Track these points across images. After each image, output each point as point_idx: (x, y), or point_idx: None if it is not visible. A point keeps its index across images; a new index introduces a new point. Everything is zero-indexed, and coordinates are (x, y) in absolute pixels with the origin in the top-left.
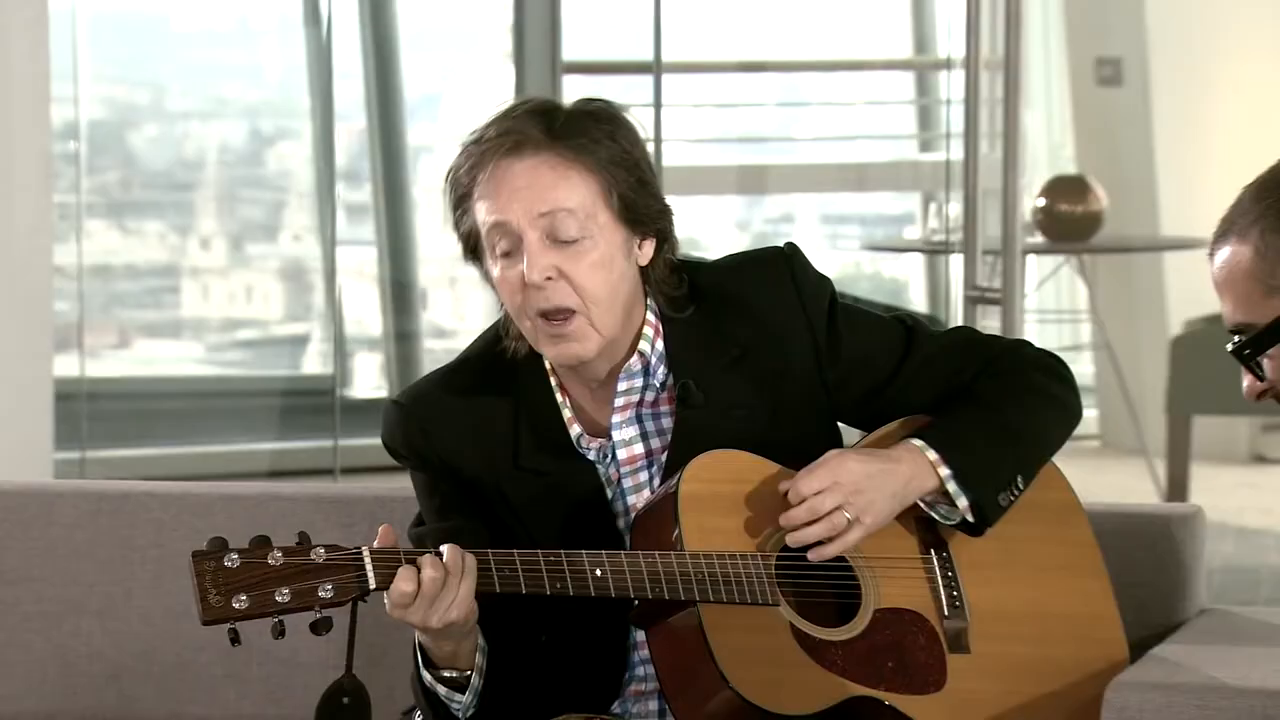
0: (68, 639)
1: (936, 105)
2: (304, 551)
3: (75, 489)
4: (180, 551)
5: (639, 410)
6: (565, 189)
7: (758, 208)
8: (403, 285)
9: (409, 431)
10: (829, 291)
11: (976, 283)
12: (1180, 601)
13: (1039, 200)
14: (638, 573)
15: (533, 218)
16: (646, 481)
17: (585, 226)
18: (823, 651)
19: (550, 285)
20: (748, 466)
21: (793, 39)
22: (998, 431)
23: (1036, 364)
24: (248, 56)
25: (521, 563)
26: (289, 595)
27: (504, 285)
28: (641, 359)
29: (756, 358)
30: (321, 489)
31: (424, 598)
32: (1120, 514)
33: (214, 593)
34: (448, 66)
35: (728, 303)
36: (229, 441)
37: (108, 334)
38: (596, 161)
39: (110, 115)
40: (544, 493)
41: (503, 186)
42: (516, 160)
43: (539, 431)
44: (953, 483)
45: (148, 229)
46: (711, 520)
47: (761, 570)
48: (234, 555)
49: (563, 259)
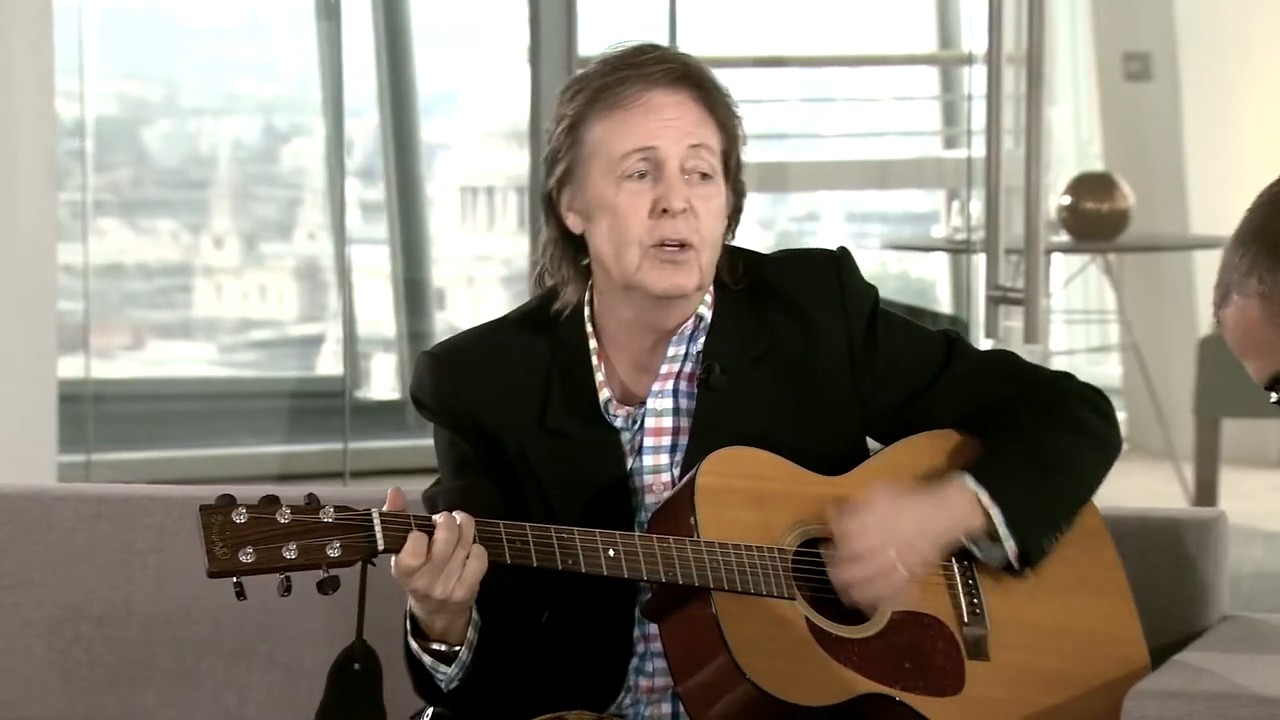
0: (67, 645)
1: (961, 101)
2: (313, 510)
3: (75, 492)
4: (181, 556)
5: (677, 383)
6: (709, 131)
7: (782, 205)
8: (416, 285)
9: (438, 383)
10: (873, 299)
11: (999, 282)
12: (1202, 608)
13: (1064, 198)
14: (651, 555)
15: (683, 147)
16: (667, 465)
17: (715, 171)
18: (838, 647)
19: (683, 217)
20: (767, 464)
21: (813, 33)
22: (1048, 474)
23: (1081, 398)
24: (262, 52)
25: (534, 536)
26: (296, 551)
27: (627, 209)
28: (695, 320)
29: (788, 352)
30: (327, 492)
31: (433, 563)
32: (1140, 519)
33: (220, 545)
34: (464, 62)
35: (769, 294)
36: (237, 444)
37: (120, 334)
38: (727, 119)
39: (122, 111)
40: (564, 457)
41: (655, 112)
42: (671, 91)
43: (569, 393)
44: (1004, 527)
45: (160, 227)
46: (728, 513)
47: (779, 563)
48: (242, 510)
49: (696, 195)
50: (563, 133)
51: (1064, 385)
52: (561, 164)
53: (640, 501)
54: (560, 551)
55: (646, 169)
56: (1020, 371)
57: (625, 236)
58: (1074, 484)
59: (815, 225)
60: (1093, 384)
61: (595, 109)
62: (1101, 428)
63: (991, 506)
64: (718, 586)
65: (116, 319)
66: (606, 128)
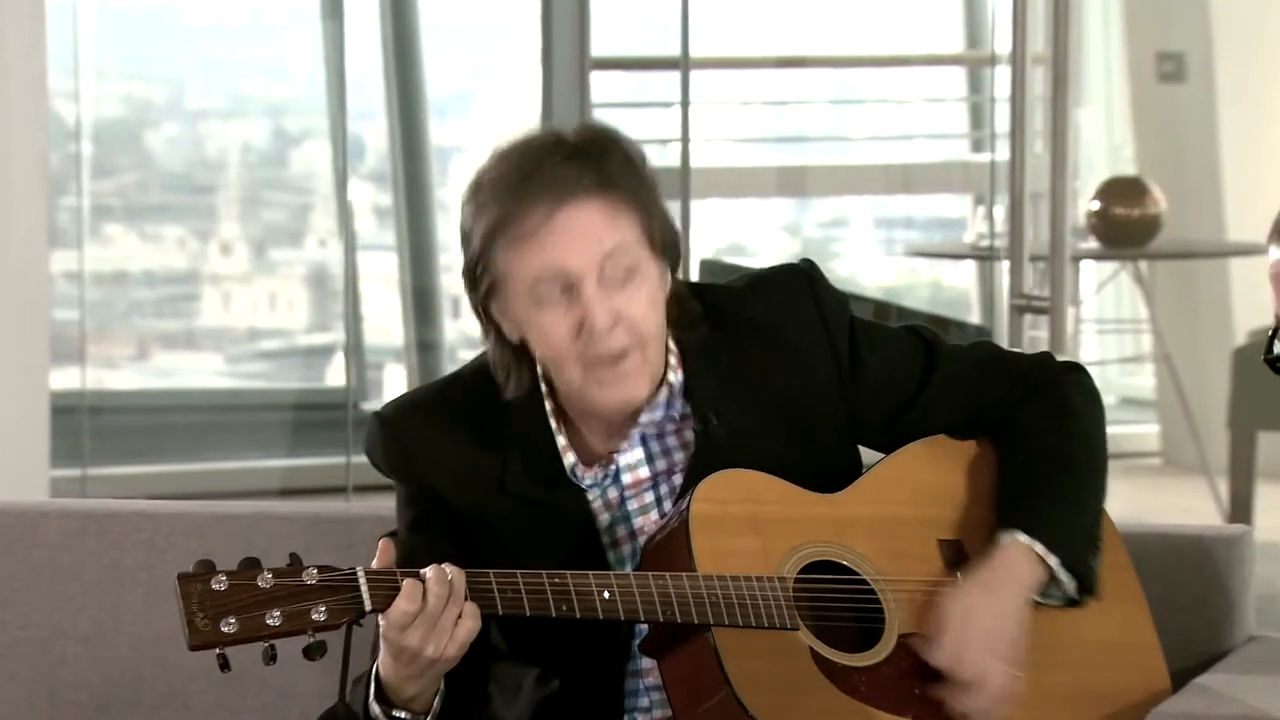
0: (54, 666)
1: (987, 103)
2: (295, 573)
3: (62, 508)
4: (172, 575)
5: (644, 432)
6: (620, 229)
7: (807, 211)
8: (425, 293)
9: (389, 449)
10: (848, 309)
11: (1024, 290)
12: (1227, 628)
13: (1093, 203)
14: (648, 595)
15: (595, 262)
16: (654, 502)
17: (638, 265)
18: (845, 678)
19: (611, 330)
20: (761, 486)
21: (834, 33)
22: (1079, 490)
23: (1066, 380)
24: (270, 52)
25: (525, 583)
26: (280, 618)
27: (552, 335)
28: (669, 390)
29: (776, 380)
30: (321, 508)
31: (426, 616)
32: (1163, 536)
33: (201, 616)
34: (479, 63)
35: (746, 325)
36: (239, 458)
37: (125, 344)
38: (635, 196)
39: (127, 114)
40: (530, 522)
41: (556, 235)
42: (571, 208)
43: (529, 458)
44: (1062, 571)
45: (166, 234)
46: (725, 541)
47: (779, 592)
48: (222, 577)
49: (621, 301)
50: (476, 252)
51: (1050, 372)
52: (483, 280)
53: (633, 550)
54: (554, 597)
55: (560, 292)
56: (1005, 363)
57: (557, 357)
58: (1097, 487)
59: (843, 231)
60: (1069, 360)
61: (499, 239)
62: (1094, 409)
63: (1048, 556)
64: (718, 622)
65: (122, 328)
66: (511, 257)
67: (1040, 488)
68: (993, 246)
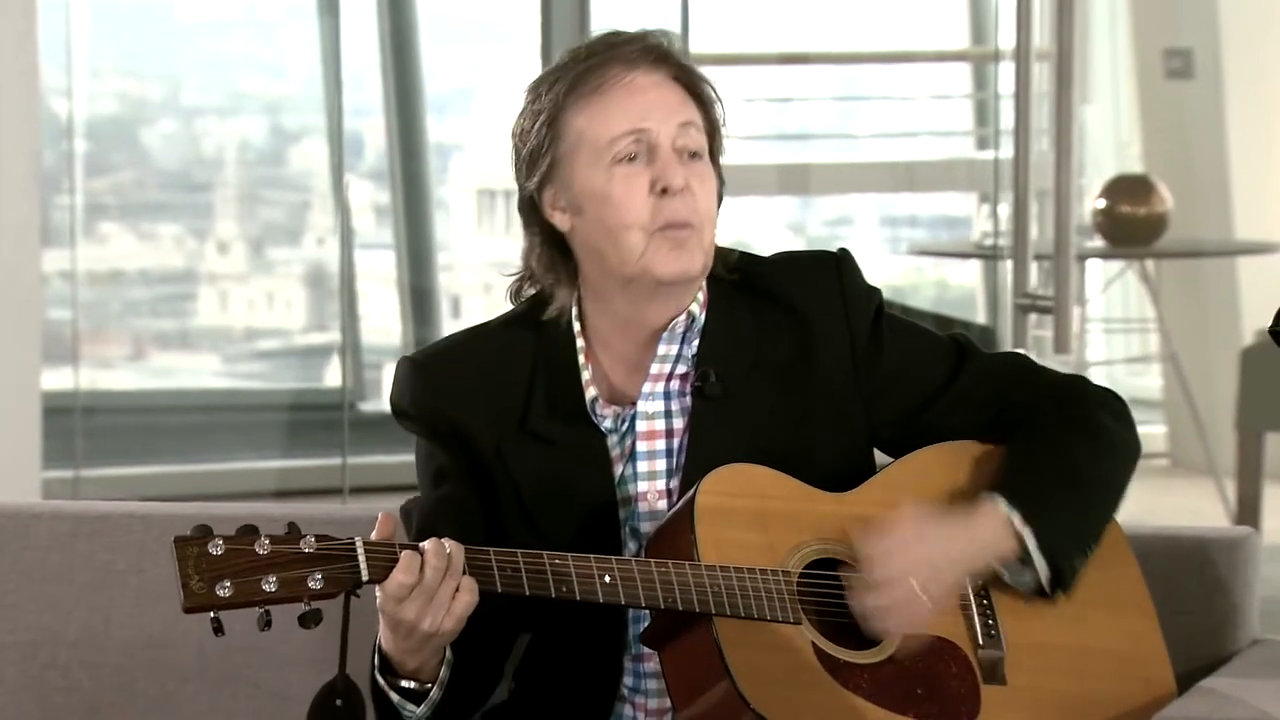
0: (43, 670)
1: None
2: (293, 540)
3: (52, 509)
4: (163, 579)
5: (668, 385)
6: (694, 112)
7: (813, 209)
8: (423, 292)
9: (418, 390)
10: (876, 301)
11: (1028, 289)
12: (1231, 631)
13: (1099, 201)
14: (649, 581)
15: (673, 125)
16: (662, 472)
17: (704, 150)
18: (847, 674)
19: (682, 196)
20: (769, 482)
21: (837, 28)
22: (1079, 490)
23: (1099, 402)
24: (268, 48)
25: (525, 563)
26: (276, 584)
27: (624, 194)
28: (687, 318)
29: (787, 357)
30: (314, 509)
31: (423, 590)
32: (1167, 538)
33: (196, 579)
34: (480, 59)
35: (766, 296)
36: (233, 459)
37: (120, 344)
38: (708, 103)
39: (122, 110)
40: (547, 463)
41: (638, 92)
42: (652, 71)
43: (553, 393)
44: (1036, 552)
45: (162, 232)
46: (729, 534)
47: (783, 586)
48: (219, 541)
49: (691, 174)
50: (541, 127)
51: (1081, 389)
52: (544, 160)
53: (634, 511)
54: (554, 579)
55: (638, 151)
56: (1035, 376)
57: (624, 222)
58: (1104, 498)
59: (848, 230)
60: (1108, 387)
61: (575, 98)
62: (1124, 433)
63: (1025, 530)
64: (719, 612)
65: (117, 328)
66: (590, 115)
67: (1042, 476)
68: (997, 245)
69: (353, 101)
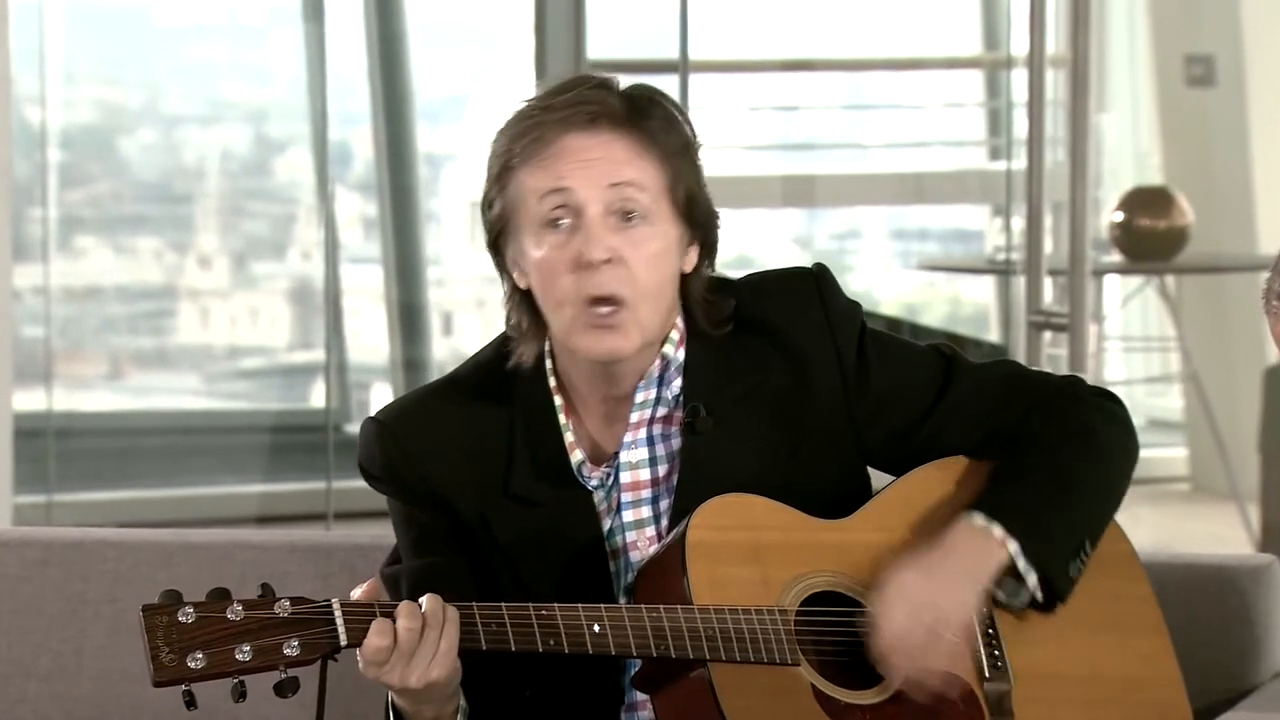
0: (12, 705)
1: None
2: (267, 605)
3: (22, 536)
4: (138, 607)
5: (650, 429)
6: (639, 169)
7: (818, 222)
8: (412, 308)
9: (388, 452)
10: (859, 318)
11: (1041, 306)
12: (1253, 663)
13: (1116, 214)
14: (640, 629)
15: (602, 188)
16: (650, 518)
17: (651, 211)
18: (848, 716)
19: (607, 269)
20: (762, 512)
21: (843, 34)
22: (1065, 490)
23: (1093, 403)
24: (251, 55)
25: (510, 617)
26: (250, 653)
27: (549, 265)
28: (662, 362)
29: (776, 386)
30: (296, 536)
31: (400, 653)
32: (1186, 565)
33: (167, 651)
34: (472, 66)
35: (748, 325)
36: (214, 483)
37: (96, 363)
38: (666, 151)
39: (98, 119)
40: (534, 526)
41: (571, 155)
42: (591, 133)
43: (536, 456)
44: (1022, 559)
45: (141, 246)
46: (723, 570)
47: (779, 625)
48: (189, 609)
49: (624, 242)
50: (492, 180)
51: (1075, 391)
52: (495, 214)
53: (625, 563)
54: (541, 632)
55: (564, 216)
56: (1028, 383)
57: (554, 298)
58: (1093, 500)
59: (856, 243)
60: (1105, 388)
61: (515, 156)
62: (1115, 433)
63: (1007, 539)
64: (714, 657)
65: (93, 346)
66: (523, 174)
67: (1021, 481)
68: (1010, 260)
69: (339, 109)
